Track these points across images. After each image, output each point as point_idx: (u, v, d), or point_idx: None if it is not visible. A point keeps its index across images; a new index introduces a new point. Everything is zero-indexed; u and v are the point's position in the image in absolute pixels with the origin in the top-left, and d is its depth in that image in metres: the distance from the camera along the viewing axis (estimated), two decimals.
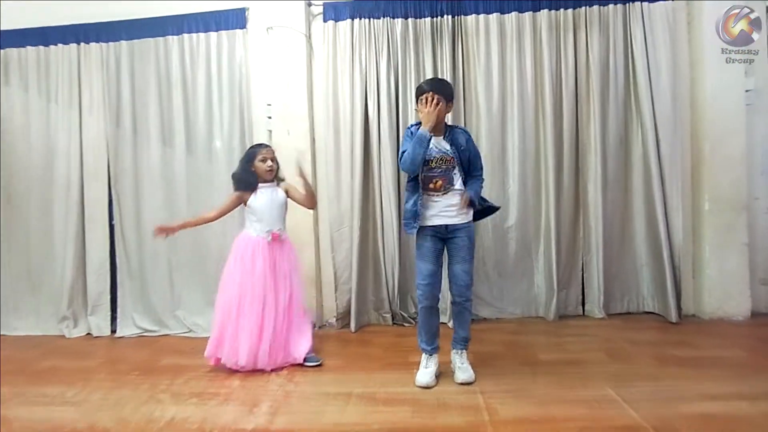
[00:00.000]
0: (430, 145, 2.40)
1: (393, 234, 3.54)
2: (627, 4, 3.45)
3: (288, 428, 2.06)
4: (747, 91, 3.42)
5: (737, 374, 2.47)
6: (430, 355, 2.52)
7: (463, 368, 2.48)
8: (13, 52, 3.77)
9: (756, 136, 3.52)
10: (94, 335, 3.61)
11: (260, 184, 2.83)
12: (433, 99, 2.36)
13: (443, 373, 2.53)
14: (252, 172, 2.82)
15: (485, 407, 2.16)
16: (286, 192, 2.90)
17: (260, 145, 2.94)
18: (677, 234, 3.41)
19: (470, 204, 2.45)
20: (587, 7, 3.47)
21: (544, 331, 3.35)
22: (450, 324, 3.41)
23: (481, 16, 3.52)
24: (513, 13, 3.50)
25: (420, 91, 2.44)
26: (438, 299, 2.53)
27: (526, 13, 3.50)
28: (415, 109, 2.55)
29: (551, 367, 2.64)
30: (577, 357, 2.80)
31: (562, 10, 3.48)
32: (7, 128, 3.79)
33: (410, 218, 2.46)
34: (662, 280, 3.40)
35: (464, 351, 2.53)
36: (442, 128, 2.47)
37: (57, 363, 3.05)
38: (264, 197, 2.82)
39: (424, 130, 2.35)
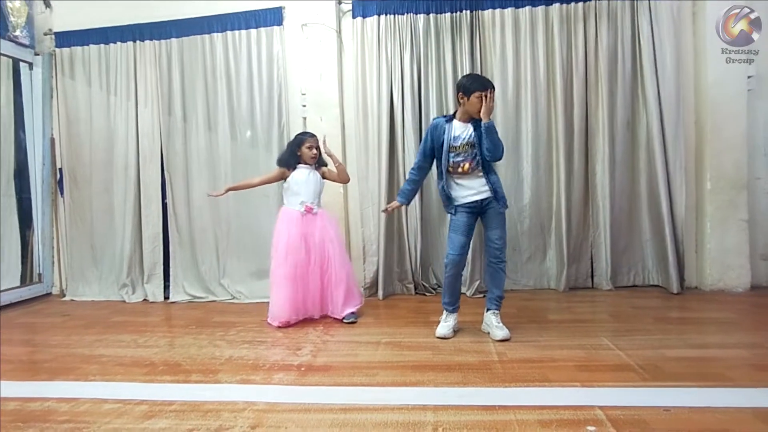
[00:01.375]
0: (458, 133, 2.69)
1: (416, 211, 3.88)
2: None
3: (328, 364, 2.45)
4: (749, 77, 3.63)
5: (722, 330, 2.77)
6: (451, 312, 2.84)
7: (499, 326, 2.70)
8: (77, 50, 4.24)
9: (758, 120, 3.74)
10: (150, 300, 4.07)
11: (301, 165, 3.22)
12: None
13: (461, 330, 2.87)
14: (297, 155, 3.21)
15: (495, 352, 2.51)
16: (323, 175, 3.29)
17: (307, 133, 3.33)
18: (680, 211, 3.67)
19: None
20: (597, 0, 3.72)
21: (555, 299, 3.66)
22: (468, 293, 3.79)
23: (497, 11, 3.81)
24: (527, 7, 3.78)
25: (475, 87, 2.64)
26: (463, 267, 2.84)
27: (539, 7, 3.77)
28: (459, 101, 2.73)
29: (557, 324, 2.99)
30: (582, 317, 3.14)
31: (572, 3, 3.74)
32: (73, 118, 4.28)
33: (444, 200, 2.79)
34: (666, 255, 3.66)
35: (498, 311, 2.77)
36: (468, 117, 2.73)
37: (124, 319, 3.52)
38: (302, 174, 3.21)
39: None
